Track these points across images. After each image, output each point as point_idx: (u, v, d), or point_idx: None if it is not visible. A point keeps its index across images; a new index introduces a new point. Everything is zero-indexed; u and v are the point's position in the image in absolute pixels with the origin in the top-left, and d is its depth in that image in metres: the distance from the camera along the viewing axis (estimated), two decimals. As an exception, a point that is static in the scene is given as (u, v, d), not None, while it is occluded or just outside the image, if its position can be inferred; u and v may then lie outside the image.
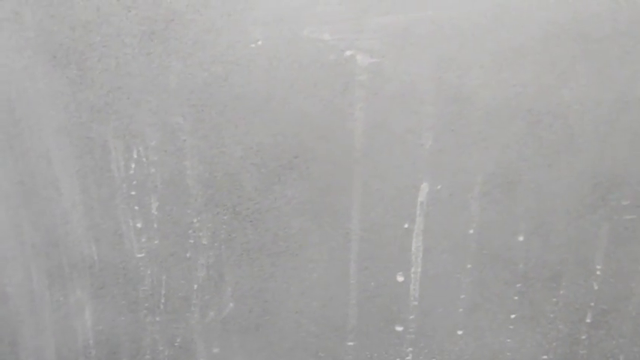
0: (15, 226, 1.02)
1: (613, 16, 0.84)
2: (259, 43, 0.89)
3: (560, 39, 0.86)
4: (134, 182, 0.98)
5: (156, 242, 1.02)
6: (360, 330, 1.05)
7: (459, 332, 1.04)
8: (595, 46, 0.86)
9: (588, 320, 1.02)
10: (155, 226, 1.00)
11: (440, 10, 0.85)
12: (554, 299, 1.01)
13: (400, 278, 1.01)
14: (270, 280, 1.04)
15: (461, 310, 1.03)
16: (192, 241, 1.02)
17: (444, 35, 0.86)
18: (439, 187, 0.95)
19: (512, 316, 1.02)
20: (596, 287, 1.00)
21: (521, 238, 0.97)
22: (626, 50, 0.86)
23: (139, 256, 1.03)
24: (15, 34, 0.90)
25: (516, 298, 1.01)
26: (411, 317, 1.04)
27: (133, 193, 0.99)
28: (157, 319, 1.07)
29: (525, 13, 0.85)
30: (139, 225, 1.01)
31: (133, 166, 0.97)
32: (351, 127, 0.93)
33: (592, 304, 1.01)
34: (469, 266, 1.00)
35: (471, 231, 0.97)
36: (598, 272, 0.99)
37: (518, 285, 1.00)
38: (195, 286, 1.05)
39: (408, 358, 1.06)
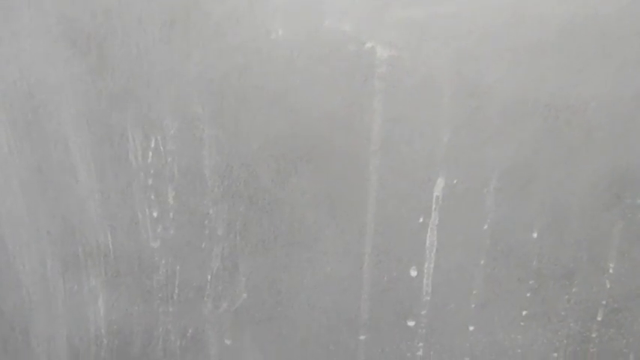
0: (31, 213, 1.02)
1: (632, 14, 0.84)
2: (280, 33, 0.89)
3: (579, 36, 0.86)
4: (151, 171, 0.98)
5: (171, 232, 1.01)
6: (371, 324, 1.06)
7: (471, 328, 1.04)
8: (614, 43, 0.86)
9: (599, 318, 1.02)
10: (171, 215, 1.00)
11: (460, 4, 0.85)
12: (567, 297, 1.01)
13: (413, 273, 1.01)
14: (284, 272, 1.04)
15: (473, 305, 1.03)
16: (207, 232, 1.01)
17: (463, 30, 0.86)
18: (455, 181, 0.95)
19: (524, 312, 1.02)
20: (608, 285, 1.00)
21: (535, 235, 0.98)
22: (646, 48, 0.86)
23: (154, 245, 1.03)
24: (35, 20, 0.90)
25: (529, 294, 1.01)
26: (423, 312, 1.04)
27: (149, 182, 0.98)
28: (170, 309, 1.07)
29: (545, 9, 0.84)
30: (154, 214, 1.01)
31: (150, 154, 0.97)
32: (368, 120, 0.93)
33: (604, 302, 1.01)
34: (482, 262, 1.00)
35: (486, 226, 0.97)
36: (611, 270, 0.99)
37: (530, 282, 1.00)
38: (209, 277, 1.05)
39: (418, 353, 1.06)
